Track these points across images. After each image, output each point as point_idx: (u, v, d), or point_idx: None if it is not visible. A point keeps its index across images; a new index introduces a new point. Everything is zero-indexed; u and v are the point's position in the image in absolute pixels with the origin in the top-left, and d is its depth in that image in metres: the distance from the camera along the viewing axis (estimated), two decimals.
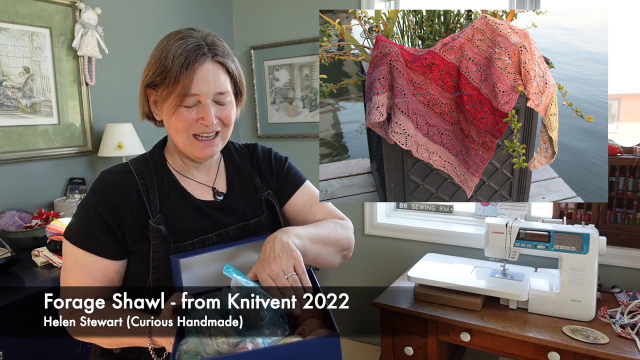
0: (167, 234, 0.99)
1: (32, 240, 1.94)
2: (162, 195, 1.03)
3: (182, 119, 0.98)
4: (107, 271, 0.99)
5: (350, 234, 1.16)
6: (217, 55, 0.99)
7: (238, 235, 1.08)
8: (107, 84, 2.46)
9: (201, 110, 0.98)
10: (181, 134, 1.00)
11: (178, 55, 0.96)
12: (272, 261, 0.90)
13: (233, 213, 1.09)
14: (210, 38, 1.01)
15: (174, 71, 0.95)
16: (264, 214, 1.13)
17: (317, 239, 1.05)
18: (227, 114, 1.02)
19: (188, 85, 0.95)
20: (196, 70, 0.96)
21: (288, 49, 2.94)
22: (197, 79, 0.96)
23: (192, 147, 1.02)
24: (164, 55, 0.98)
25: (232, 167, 1.16)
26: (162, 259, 0.98)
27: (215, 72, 0.98)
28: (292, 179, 1.20)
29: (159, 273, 0.98)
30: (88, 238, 0.98)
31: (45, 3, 2.20)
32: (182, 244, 1.01)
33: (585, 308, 1.76)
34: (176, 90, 0.96)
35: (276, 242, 0.93)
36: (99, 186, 1.02)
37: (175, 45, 0.97)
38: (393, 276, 2.49)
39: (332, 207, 1.21)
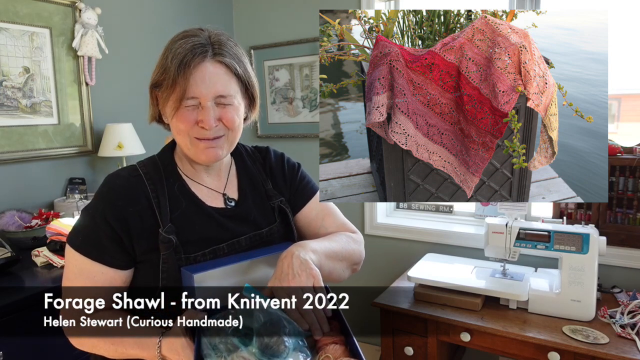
0: (177, 244, 0.95)
1: (32, 240, 1.93)
2: (172, 202, 0.99)
3: (183, 120, 0.94)
4: (113, 281, 0.95)
5: (362, 248, 1.13)
6: (220, 54, 0.94)
7: (249, 245, 1.04)
8: (107, 84, 2.46)
9: (201, 112, 0.93)
10: (183, 136, 0.96)
11: (177, 55, 0.92)
12: (291, 279, 0.87)
13: (245, 221, 1.05)
14: (217, 37, 0.96)
15: (172, 71, 0.92)
16: (276, 222, 1.09)
17: (331, 254, 1.01)
18: (231, 117, 0.96)
19: (185, 86, 0.91)
20: (192, 70, 0.91)
21: (288, 49, 2.94)
22: (194, 79, 0.92)
23: (195, 150, 0.97)
24: (166, 55, 0.94)
25: (243, 172, 1.12)
26: (172, 270, 0.94)
27: (215, 73, 0.93)
28: (306, 187, 1.16)
29: (169, 284, 0.94)
30: (94, 246, 0.94)
31: (45, 3, 2.20)
32: (193, 255, 0.97)
33: (585, 308, 1.76)
34: (175, 91, 0.92)
35: (294, 259, 0.89)
36: (106, 191, 0.97)
37: (177, 44, 0.94)
38: (393, 276, 2.49)
39: (344, 219, 1.18)
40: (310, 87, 2.91)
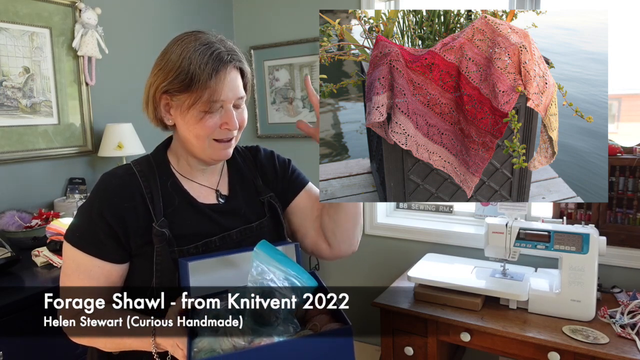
0: (170, 237, 0.99)
1: (32, 240, 1.93)
2: (166, 199, 1.03)
3: (207, 126, 0.99)
4: (110, 275, 0.98)
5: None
6: (238, 60, 1.01)
7: (240, 238, 1.08)
8: (107, 84, 2.46)
9: (224, 116, 0.99)
10: (202, 140, 1.00)
11: (205, 62, 0.95)
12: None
13: (236, 216, 1.09)
14: (228, 43, 1.02)
15: (203, 78, 0.95)
16: (266, 217, 1.13)
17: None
18: (244, 118, 1.04)
19: (218, 91, 0.96)
20: (222, 77, 0.97)
21: (288, 49, 2.94)
22: (225, 85, 0.97)
23: (212, 151, 1.02)
24: (186, 62, 0.96)
25: (234, 169, 1.16)
26: (165, 262, 0.98)
27: (236, 79, 1.01)
28: (297, 179, 1.21)
29: (163, 276, 0.97)
30: (91, 241, 0.97)
31: (45, 3, 2.20)
32: (186, 248, 1.00)
33: (585, 308, 1.76)
34: (203, 97, 0.96)
35: None
36: (102, 189, 1.01)
37: (199, 51, 0.96)
38: (393, 276, 2.49)
39: None
40: None
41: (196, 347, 0.82)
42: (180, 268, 0.97)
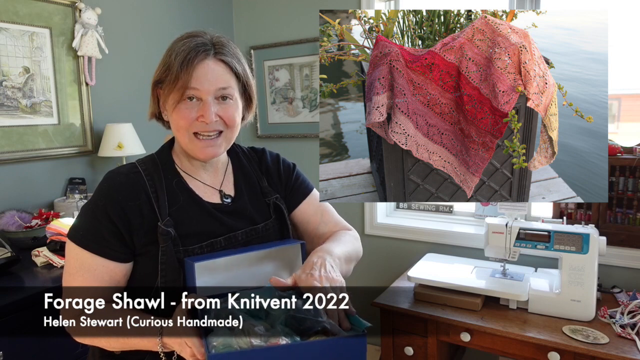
0: (175, 237, 0.98)
1: (32, 240, 1.93)
2: (171, 197, 1.02)
3: (183, 116, 0.98)
4: (114, 274, 0.98)
5: (361, 245, 1.19)
6: (221, 54, 1.00)
7: (246, 239, 1.07)
8: (107, 84, 2.46)
9: (201, 108, 0.98)
10: (182, 132, 1.00)
11: (180, 52, 0.97)
12: (324, 282, 0.91)
13: (241, 217, 1.09)
14: (219, 39, 1.02)
15: (175, 67, 0.96)
16: (272, 218, 1.13)
17: (347, 258, 1.07)
18: (230, 114, 1.01)
19: (187, 81, 0.96)
20: (196, 66, 0.96)
21: (288, 49, 2.94)
22: (196, 75, 0.96)
23: (193, 146, 1.01)
24: (170, 53, 0.99)
25: (239, 170, 1.16)
26: (170, 262, 0.97)
27: (216, 70, 0.99)
28: (301, 186, 1.20)
29: (167, 276, 0.97)
30: (95, 240, 0.96)
31: (45, 3, 2.20)
32: (191, 247, 1.00)
33: (585, 308, 1.76)
34: (177, 86, 0.96)
35: (327, 263, 0.95)
36: (106, 187, 1.00)
37: (180, 43, 0.99)
38: (393, 276, 2.49)
39: (339, 217, 1.23)
40: (310, 87, 2.91)
41: (213, 343, 0.81)
42: (186, 268, 0.96)
